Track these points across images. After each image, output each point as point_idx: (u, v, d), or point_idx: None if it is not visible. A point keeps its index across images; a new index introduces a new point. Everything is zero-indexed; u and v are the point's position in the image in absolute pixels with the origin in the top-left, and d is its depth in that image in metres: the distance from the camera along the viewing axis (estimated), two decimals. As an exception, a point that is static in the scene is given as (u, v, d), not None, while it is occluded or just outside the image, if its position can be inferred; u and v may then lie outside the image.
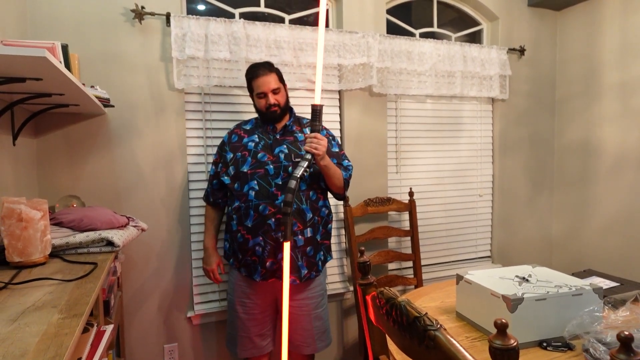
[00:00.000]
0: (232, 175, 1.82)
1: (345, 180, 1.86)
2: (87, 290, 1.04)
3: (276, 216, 1.73)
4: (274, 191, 1.74)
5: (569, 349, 1.19)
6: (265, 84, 1.77)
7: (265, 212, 1.73)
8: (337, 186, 1.84)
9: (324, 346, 1.91)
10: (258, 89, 1.79)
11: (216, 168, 1.91)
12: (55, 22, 1.90)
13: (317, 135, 1.63)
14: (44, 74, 1.11)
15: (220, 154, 1.91)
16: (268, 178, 1.75)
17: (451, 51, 2.60)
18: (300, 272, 1.80)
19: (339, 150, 1.93)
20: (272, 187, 1.74)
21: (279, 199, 1.73)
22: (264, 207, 1.73)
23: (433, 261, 2.76)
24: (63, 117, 1.94)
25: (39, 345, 0.75)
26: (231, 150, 1.85)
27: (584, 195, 2.85)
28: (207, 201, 1.98)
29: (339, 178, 1.81)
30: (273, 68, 1.83)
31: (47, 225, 1.27)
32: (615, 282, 1.67)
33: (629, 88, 2.57)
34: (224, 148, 1.89)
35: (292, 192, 1.53)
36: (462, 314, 1.43)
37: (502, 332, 0.64)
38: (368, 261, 1.07)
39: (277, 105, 1.79)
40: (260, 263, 1.76)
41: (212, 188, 1.93)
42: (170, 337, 2.17)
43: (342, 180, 1.83)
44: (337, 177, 1.80)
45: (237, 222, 1.79)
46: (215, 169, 1.91)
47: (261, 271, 1.77)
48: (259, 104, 1.82)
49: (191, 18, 2.03)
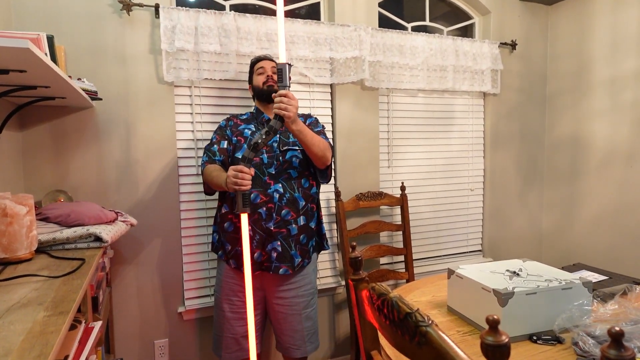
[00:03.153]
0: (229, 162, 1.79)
1: (329, 146, 1.75)
2: (74, 287, 1.02)
3: (267, 205, 1.71)
4: (267, 180, 1.73)
5: (559, 343, 1.20)
6: (267, 64, 1.86)
7: (256, 201, 1.71)
8: (319, 156, 1.68)
9: (313, 348, 1.87)
10: (259, 66, 1.86)
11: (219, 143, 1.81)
12: (41, 13, 1.86)
13: (286, 93, 1.44)
14: (28, 66, 1.08)
15: (221, 135, 1.83)
16: (262, 167, 1.74)
17: (443, 45, 2.60)
18: (294, 261, 1.77)
19: (320, 130, 1.86)
20: (265, 175, 1.73)
21: (271, 188, 1.72)
22: (256, 196, 1.71)
23: (424, 255, 2.77)
24: (49, 110, 1.91)
25: (24, 344, 0.73)
26: (230, 132, 1.84)
27: (574, 189, 2.88)
28: (209, 162, 1.76)
29: (318, 145, 1.65)
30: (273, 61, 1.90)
31: (33, 220, 1.25)
32: (604, 275, 1.69)
33: (619, 83, 2.59)
34: (223, 129, 1.85)
35: (246, 160, 1.43)
36: (453, 308, 1.43)
37: (493, 328, 0.63)
38: (360, 256, 1.06)
39: (274, 81, 1.81)
40: None
41: (218, 148, 1.79)
42: (161, 332, 2.16)
43: (322, 147, 1.68)
44: (316, 144, 1.65)
45: (228, 210, 1.78)
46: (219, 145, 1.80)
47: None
48: (257, 80, 1.85)
49: (181, 10, 2.00)
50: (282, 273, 1.75)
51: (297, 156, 1.78)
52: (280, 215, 1.73)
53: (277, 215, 1.73)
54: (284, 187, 1.74)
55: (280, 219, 1.73)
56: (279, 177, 1.74)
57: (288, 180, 1.76)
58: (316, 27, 2.28)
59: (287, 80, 1.42)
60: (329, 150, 1.76)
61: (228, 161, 1.81)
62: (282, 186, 1.74)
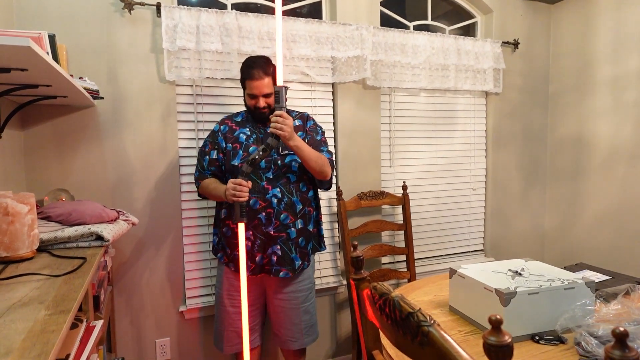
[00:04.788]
0: (225, 169, 1.81)
1: (330, 162, 1.79)
2: (75, 286, 1.02)
3: (266, 210, 1.72)
4: (265, 185, 1.73)
5: (561, 343, 1.20)
6: (258, 87, 1.73)
7: (255, 206, 1.72)
8: (317, 170, 1.73)
9: (311, 340, 1.90)
10: (250, 90, 1.74)
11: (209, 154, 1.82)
12: (43, 12, 1.86)
13: (282, 114, 1.55)
14: (29, 65, 1.08)
15: (212, 142, 1.84)
16: (259, 172, 1.74)
17: (445, 44, 2.59)
18: (294, 264, 1.79)
19: (321, 138, 1.87)
20: (263, 180, 1.74)
21: (269, 193, 1.73)
22: (255, 201, 1.72)
23: (426, 255, 2.77)
24: (51, 109, 1.91)
25: (24, 342, 0.73)
26: (223, 139, 1.81)
27: (576, 189, 2.86)
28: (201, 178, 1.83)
29: (316, 161, 1.71)
30: (269, 71, 1.74)
31: (35, 219, 1.25)
32: (607, 275, 1.68)
33: (622, 82, 2.58)
34: (216, 136, 1.83)
35: (243, 174, 1.56)
36: (455, 307, 1.43)
37: (496, 328, 0.63)
38: (361, 256, 1.06)
39: (266, 108, 1.76)
40: (249, 258, 1.74)
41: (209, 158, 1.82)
42: (162, 331, 2.16)
43: (320, 163, 1.73)
44: (314, 159, 1.70)
45: (227, 215, 1.80)
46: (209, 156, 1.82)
47: (250, 266, 1.75)
48: (249, 102, 1.78)
49: (182, 8, 2.00)
50: (283, 276, 1.77)
51: (296, 160, 1.77)
52: (279, 219, 1.75)
53: (277, 220, 1.74)
54: (282, 192, 1.75)
55: (280, 223, 1.75)
56: (277, 182, 1.75)
57: (286, 185, 1.76)
58: (318, 26, 2.28)
59: (284, 102, 1.55)
60: (328, 165, 1.78)
61: (221, 170, 1.83)
62: (280, 191, 1.75)
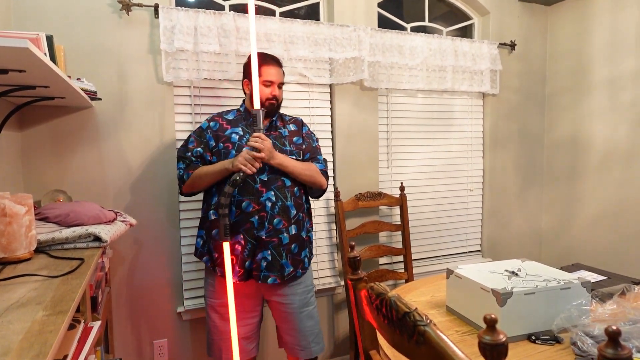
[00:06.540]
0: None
1: (323, 172, 1.80)
2: (73, 287, 1.02)
3: (260, 214, 1.67)
4: (259, 187, 1.68)
5: (557, 342, 1.20)
6: (277, 74, 1.76)
7: (248, 209, 1.67)
8: (309, 182, 1.76)
9: (319, 350, 1.81)
10: (269, 76, 1.73)
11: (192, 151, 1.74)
12: (41, 13, 1.86)
13: (260, 135, 1.59)
14: (27, 66, 1.08)
15: (198, 140, 1.75)
16: (253, 174, 1.65)
17: (442, 45, 2.60)
18: (284, 270, 1.71)
19: (316, 146, 1.87)
20: (257, 183, 1.68)
21: (264, 195, 1.68)
22: (248, 204, 1.66)
23: (424, 255, 2.77)
24: (49, 110, 1.91)
25: (22, 343, 0.73)
26: (213, 138, 1.74)
27: (573, 190, 2.88)
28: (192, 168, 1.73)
29: (304, 173, 1.73)
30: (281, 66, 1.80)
31: (32, 220, 1.25)
32: (603, 275, 1.69)
33: (618, 84, 2.59)
34: (203, 134, 1.75)
35: (226, 195, 1.56)
36: (452, 308, 1.43)
37: (491, 327, 0.63)
38: (358, 256, 1.06)
39: (276, 100, 1.76)
40: (238, 262, 1.68)
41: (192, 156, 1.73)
42: (160, 332, 2.16)
43: (309, 174, 1.75)
44: (301, 171, 1.72)
45: (217, 217, 1.71)
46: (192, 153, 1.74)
47: (238, 271, 1.68)
48: (262, 91, 1.71)
49: (180, 10, 2.00)
50: (271, 283, 1.70)
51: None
52: (272, 224, 1.69)
53: (269, 224, 1.68)
54: (276, 196, 1.70)
55: (272, 227, 1.69)
56: (271, 185, 1.69)
57: (281, 189, 1.71)
58: (315, 28, 2.29)
59: (261, 124, 1.61)
60: (320, 175, 1.78)
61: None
62: (275, 194, 1.69)
